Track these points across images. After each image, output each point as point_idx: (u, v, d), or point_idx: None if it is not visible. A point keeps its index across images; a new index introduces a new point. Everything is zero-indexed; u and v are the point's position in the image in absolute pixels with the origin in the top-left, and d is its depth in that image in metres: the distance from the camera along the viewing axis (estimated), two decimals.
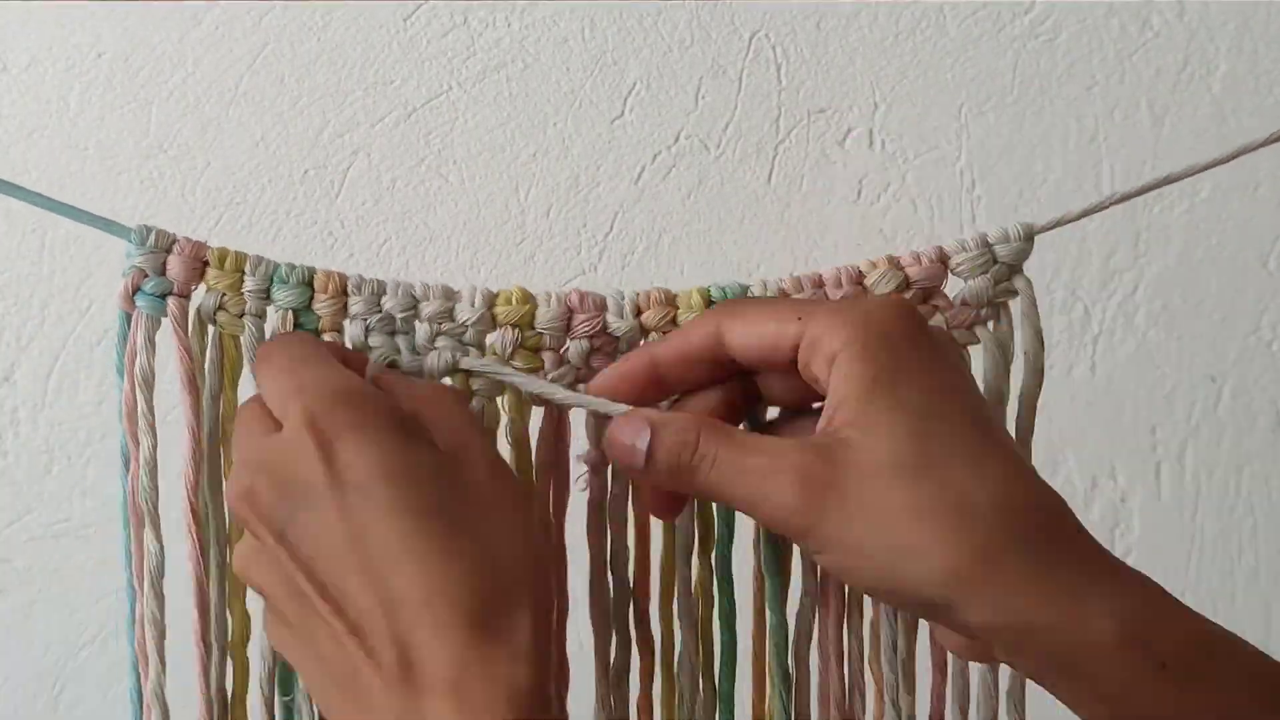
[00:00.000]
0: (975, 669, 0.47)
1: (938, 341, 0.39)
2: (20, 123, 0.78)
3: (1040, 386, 0.46)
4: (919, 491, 0.36)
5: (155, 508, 0.45)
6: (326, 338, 0.45)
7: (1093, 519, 0.81)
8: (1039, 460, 0.84)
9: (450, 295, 0.46)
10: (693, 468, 0.39)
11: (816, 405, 0.40)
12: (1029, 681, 0.47)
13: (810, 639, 0.46)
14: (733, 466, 0.38)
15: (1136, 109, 0.78)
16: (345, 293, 0.46)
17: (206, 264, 0.45)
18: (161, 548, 0.45)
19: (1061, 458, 0.81)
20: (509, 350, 0.46)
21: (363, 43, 0.78)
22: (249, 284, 0.45)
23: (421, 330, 0.46)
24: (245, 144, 0.78)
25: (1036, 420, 0.47)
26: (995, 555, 0.36)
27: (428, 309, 0.45)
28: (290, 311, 0.45)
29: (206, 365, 0.45)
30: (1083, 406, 0.80)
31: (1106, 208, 0.46)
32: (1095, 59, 0.78)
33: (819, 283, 0.45)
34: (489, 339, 0.46)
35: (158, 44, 0.78)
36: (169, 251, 0.45)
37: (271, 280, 0.45)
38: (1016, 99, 0.78)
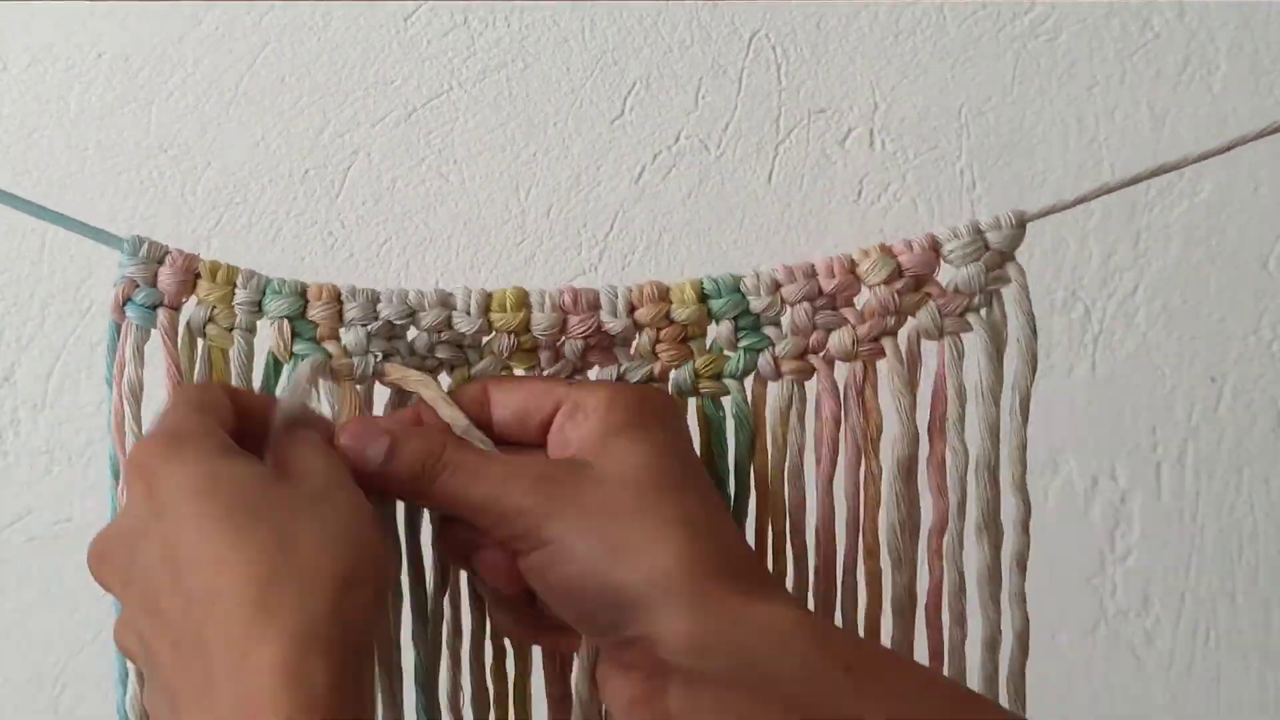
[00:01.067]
0: (973, 655, 0.47)
1: (680, 415, 0.45)
2: (20, 123, 0.78)
3: (1034, 373, 0.46)
4: (648, 502, 0.40)
5: None
6: (329, 346, 0.45)
7: (1093, 519, 0.81)
8: (1039, 460, 0.85)
9: (446, 302, 0.46)
10: (432, 474, 0.41)
11: None
12: (1036, 673, 0.47)
13: None
14: (473, 472, 0.41)
15: (1136, 109, 0.78)
16: (339, 300, 0.46)
17: (198, 276, 0.45)
18: None
19: (1061, 458, 0.81)
20: (506, 352, 0.46)
21: (363, 43, 0.78)
22: (240, 296, 0.45)
23: (420, 338, 0.46)
24: (245, 144, 0.78)
25: (1037, 420, 0.47)
26: (707, 568, 0.39)
27: (425, 319, 0.46)
28: (285, 321, 0.45)
29: (196, 379, 0.45)
30: (1083, 406, 0.80)
31: (1100, 195, 0.46)
32: (1095, 59, 0.78)
33: (811, 273, 0.46)
34: (486, 338, 0.46)
35: (158, 44, 0.78)
36: (160, 263, 0.45)
37: (264, 293, 0.45)
38: (1016, 99, 0.78)
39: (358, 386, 0.46)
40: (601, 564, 0.39)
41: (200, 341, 0.46)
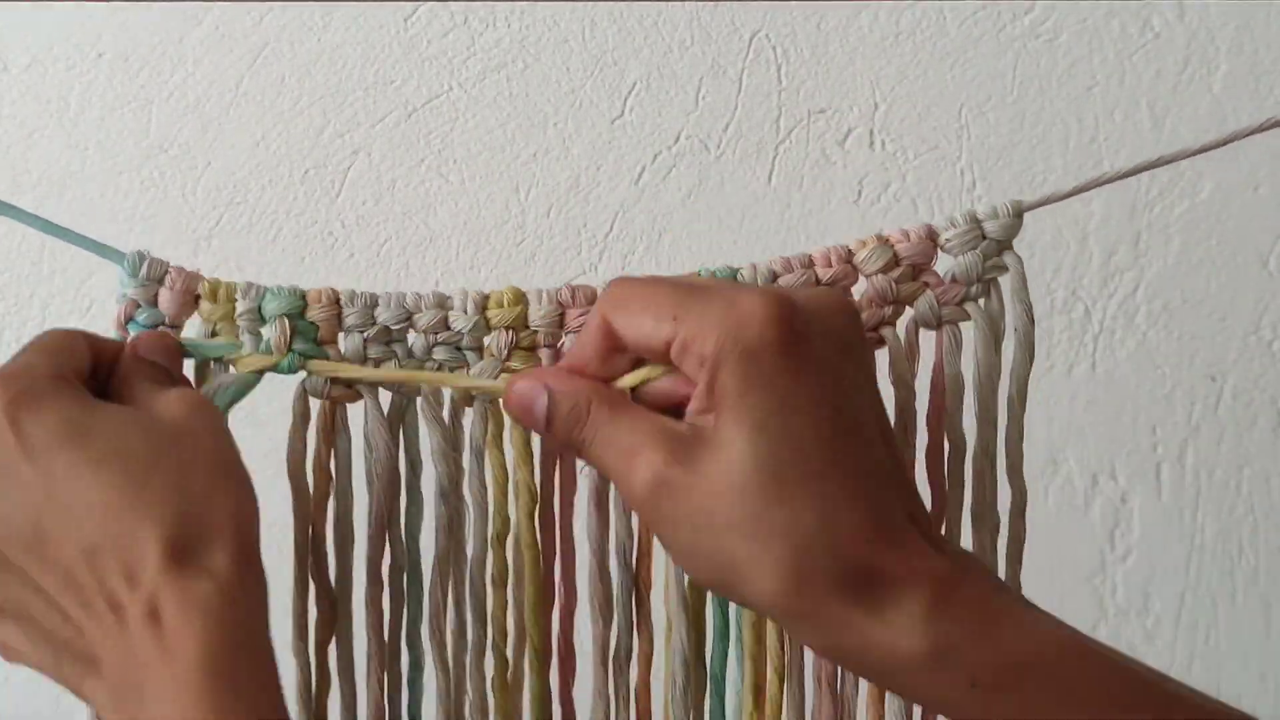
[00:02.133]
0: None
1: (814, 348, 0.38)
2: (20, 123, 0.78)
3: (1032, 361, 0.47)
4: (758, 513, 0.36)
5: None
6: (328, 350, 0.46)
7: (1093, 519, 0.81)
8: (1039, 460, 0.84)
9: (443, 303, 0.46)
10: (582, 440, 0.40)
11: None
12: None
13: None
14: (609, 443, 0.39)
15: (1136, 109, 0.78)
16: (338, 304, 0.46)
17: (198, 296, 0.45)
18: None
19: (1061, 458, 0.81)
20: (505, 352, 0.46)
21: (363, 43, 0.78)
22: (241, 306, 0.45)
23: (418, 341, 0.46)
24: (245, 144, 0.78)
25: (1037, 420, 0.47)
26: (816, 584, 0.37)
27: (422, 320, 0.46)
28: (285, 319, 0.45)
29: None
30: (1083, 406, 0.80)
31: (1097, 186, 0.46)
32: (1095, 59, 0.78)
33: (808, 263, 0.46)
34: (485, 340, 0.46)
35: (158, 44, 0.78)
36: (160, 283, 0.45)
37: (263, 298, 0.46)
38: (1016, 99, 0.78)
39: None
40: (720, 576, 0.38)
41: (213, 364, 0.46)
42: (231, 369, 0.45)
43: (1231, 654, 0.82)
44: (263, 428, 0.47)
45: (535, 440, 0.47)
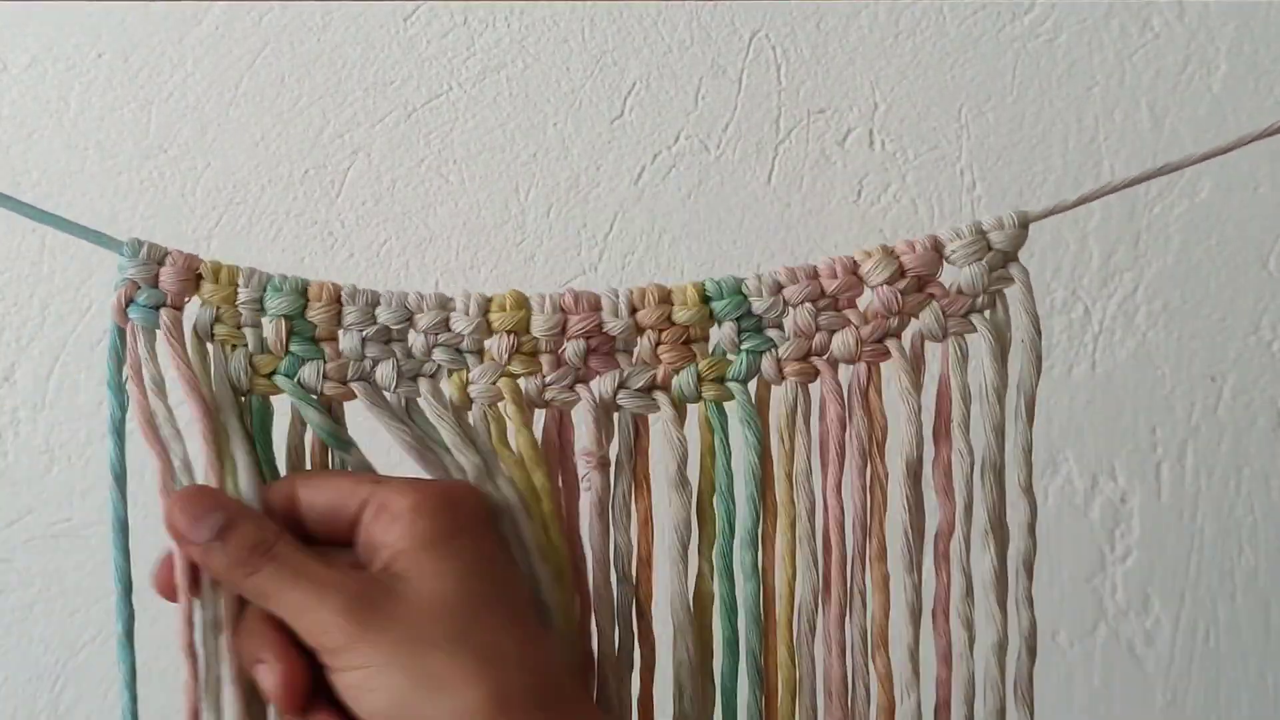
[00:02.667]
0: (980, 659, 0.47)
1: (495, 516, 0.44)
2: (20, 123, 0.78)
3: (1039, 374, 0.46)
4: (458, 630, 0.39)
5: None
6: (325, 348, 0.45)
7: (1093, 519, 0.81)
8: (1039, 460, 0.84)
9: (445, 304, 0.46)
10: (256, 565, 0.40)
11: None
12: (1036, 673, 0.47)
13: (814, 631, 0.46)
14: (296, 572, 0.40)
15: (1136, 109, 0.78)
16: (339, 301, 0.45)
17: (200, 277, 0.45)
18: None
19: (1061, 458, 0.81)
20: (505, 356, 0.46)
21: (363, 43, 0.78)
22: (243, 294, 0.45)
23: (417, 341, 0.46)
24: (245, 144, 0.78)
25: (1037, 420, 0.47)
26: (512, 701, 0.39)
27: (423, 321, 0.45)
28: (283, 319, 0.45)
29: (213, 379, 0.45)
30: (1083, 406, 0.80)
31: (1102, 196, 0.46)
32: (1095, 59, 0.78)
33: (813, 274, 0.46)
34: (486, 343, 0.46)
35: (158, 44, 0.78)
36: (161, 264, 0.45)
37: (265, 290, 0.45)
38: (1016, 99, 0.78)
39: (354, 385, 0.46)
40: (410, 698, 0.39)
41: (209, 345, 0.45)
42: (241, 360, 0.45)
43: (1231, 654, 0.82)
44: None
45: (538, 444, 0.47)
